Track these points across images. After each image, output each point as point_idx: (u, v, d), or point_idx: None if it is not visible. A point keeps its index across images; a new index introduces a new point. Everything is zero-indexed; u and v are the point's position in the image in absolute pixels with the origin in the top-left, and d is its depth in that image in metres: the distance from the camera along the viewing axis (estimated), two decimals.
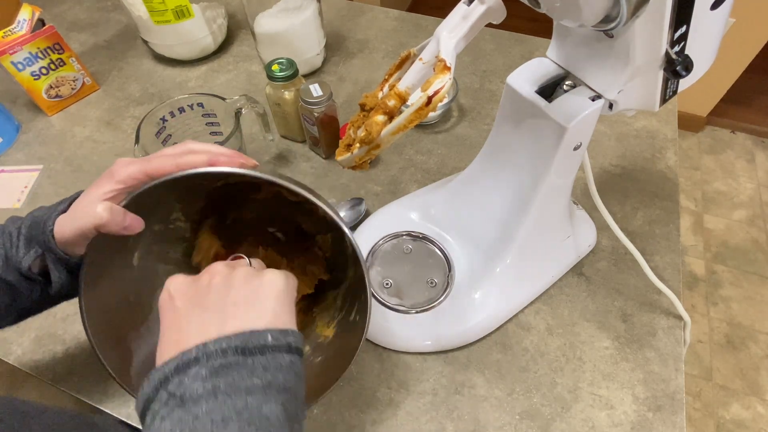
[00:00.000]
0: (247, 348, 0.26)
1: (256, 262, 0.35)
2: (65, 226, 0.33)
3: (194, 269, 0.48)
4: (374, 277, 0.54)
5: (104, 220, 0.31)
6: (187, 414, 0.24)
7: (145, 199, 0.34)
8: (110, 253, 0.37)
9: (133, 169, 0.33)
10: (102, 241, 0.34)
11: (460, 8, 0.35)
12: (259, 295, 0.29)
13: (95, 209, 0.31)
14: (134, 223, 0.33)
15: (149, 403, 0.26)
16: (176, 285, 0.30)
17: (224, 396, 0.25)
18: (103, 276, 0.37)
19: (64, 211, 0.34)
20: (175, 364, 0.26)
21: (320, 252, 0.49)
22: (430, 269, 0.54)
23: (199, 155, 0.33)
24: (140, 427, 0.26)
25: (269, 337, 0.27)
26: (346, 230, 0.36)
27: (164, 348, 0.28)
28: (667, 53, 0.33)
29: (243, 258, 0.35)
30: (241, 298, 0.29)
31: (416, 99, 0.33)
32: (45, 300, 0.37)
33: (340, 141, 0.40)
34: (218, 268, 0.31)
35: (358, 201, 0.63)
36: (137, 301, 0.42)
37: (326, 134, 0.65)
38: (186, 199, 0.43)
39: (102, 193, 0.32)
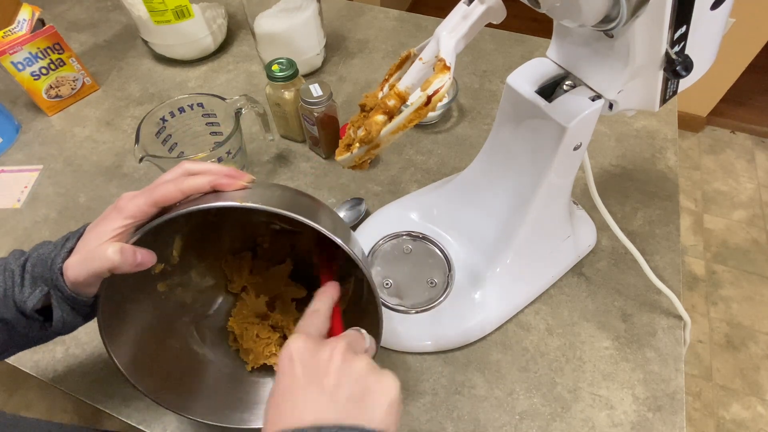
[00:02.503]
0: None
1: (369, 339, 0.35)
2: (76, 269, 0.32)
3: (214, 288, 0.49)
4: (374, 277, 0.54)
5: (117, 263, 0.31)
6: None
7: (156, 232, 0.33)
8: (126, 286, 0.37)
9: (139, 202, 0.32)
10: (116, 276, 0.34)
11: (460, 8, 0.35)
12: (376, 397, 0.30)
13: (106, 253, 0.31)
14: (146, 259, 0.33)
15: None
16: (298, 349, 0.31)
17: None
18: (122, 308, 0.37)
19: (72, 248, 0.33)
20: None
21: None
22: (430, 269, 0.54)
23: (200, 177, 0.33)
24: (137, 426, 0.27)
25: None
26: (364, 269, 0.35)
27: (276, 412, 0.29)
28: (667, 53, 0.33)
29: (360, 333, 0.35)
30: (359, 392, 0.30)
31: (416, 99, 0.33)
32: (41, 337, 0.36)
33: (340, 141, 0.40)
34: (341, 345, 0.31)
35: (358, 201, 0.63)
36: (159, 325, 0.42)
37: (326, 134, 0.65)
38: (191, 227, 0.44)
39: (110, 231, 0.32)
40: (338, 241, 0.33)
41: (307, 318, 0.35)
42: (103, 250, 0.31)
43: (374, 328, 0.38)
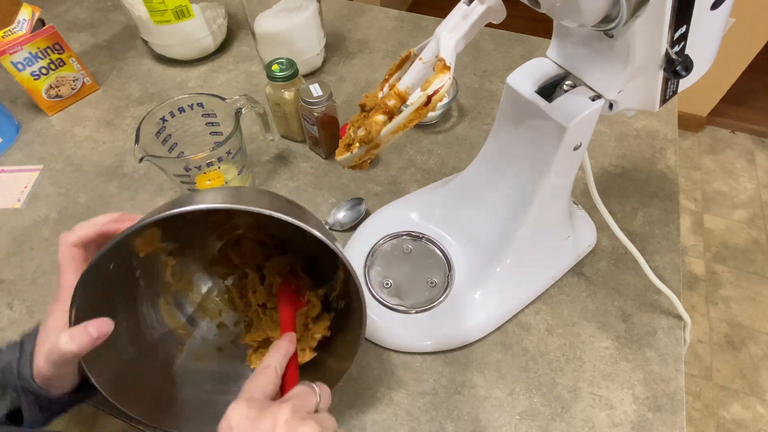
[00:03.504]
0: None
1: (321, 391, 0.34)
2: (43, 370, 0.32)
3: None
4: (374, 277, 0.54)
5: (75, 350, 0.31)
6: None
7: (104, 262, 0.33)
8: (107, 288, 0.37)
9: (67, 279, 0.33)
10: (98, 278, 0.34)
11: (460, 8, 0.35)
12: None
13: (59, 347, 0.31)
14: (102, 329, 0.32)
15: None
16: (238, 419, 0.30)
17: None
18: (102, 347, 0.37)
19: (32, 351, 0.34)
20: None
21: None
22: (430, 269, 0.54)
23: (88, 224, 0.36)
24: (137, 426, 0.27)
25: None
26: (335, 246, 0.35)
27: None
28: (667, 53, 0.33)
29: (310, 387, 0.34)
30: None
31: (416, 99, 0.33)
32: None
33: (340, 141, 0.40)
34: (284, 412, 0.30)
35: (358, 201, 0.63)
36: (139, 331, 0.42)
37: (326, 134, 0.65)
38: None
39: (60, 322, 0.33)
40: (317, 234, 0.33)
41: (255, 378, 0.33)
42: (55, 345, 0.31)
43: (358, 326, 0.39)
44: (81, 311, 0.33)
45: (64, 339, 0.31)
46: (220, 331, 0.49)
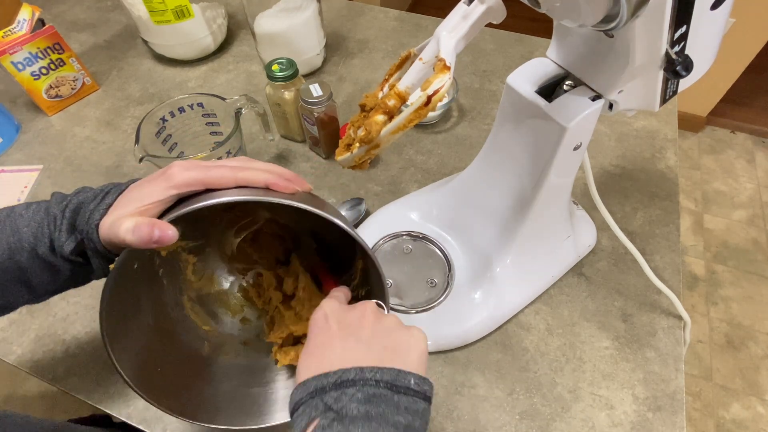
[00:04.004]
0: (395, 385, 0.29)
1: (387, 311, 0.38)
2: (106, 231, 0.31)
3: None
4: None
5: (128, 240, 0.30)
6: (345, 430, 0.27)
7: (188, 217, 0.32)
8: (132, 288, 0.37)
9: (191, 175, 0.31)
10: (123, 278, 0.33)
11: (460, 8, 0.35)
12: (409, 346, 0.32)
13: (121, 228, 0.30)
14: (165, 236, 0.30)
15: (299, 405, 0.29)
16: (332, 308, 0.34)
17: (377, 424, 0.27)
18: (126, 318, 0.36)
19: (110, 205, 0.33)
20: (335, 379, 0.29)
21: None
22: (430, 269, 0.54)
23: (258, 172, 0.33)
24: (137, 426, 0.27)
25: (412, 381, 0.30)
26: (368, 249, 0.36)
27: (315, 361, 0.31)
28: (667, 53, 0.33)
29: (380, 304, 0.37)
30: (392, 344, 0.32)
31: (416, 99, 0.33)
32: (85, 280, 0.37)
33: (340, 141, 0.40)
34: (370, 306, 0.35)
35: (358, 201, 0.63)
36: (165, 328, 0.42)
37: (326, 134, 0.65)
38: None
39: (148, 197, 0.31)
40: (348, 229, 0.34)
41: (332, 294, 0.38)
42: (120, 223, 0.30)
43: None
44: (106, 312, 0.33)
45: (125, 226, 0.30)
46: (243, 326, 0.49)
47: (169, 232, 0.30)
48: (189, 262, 0.45)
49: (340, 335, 0.32)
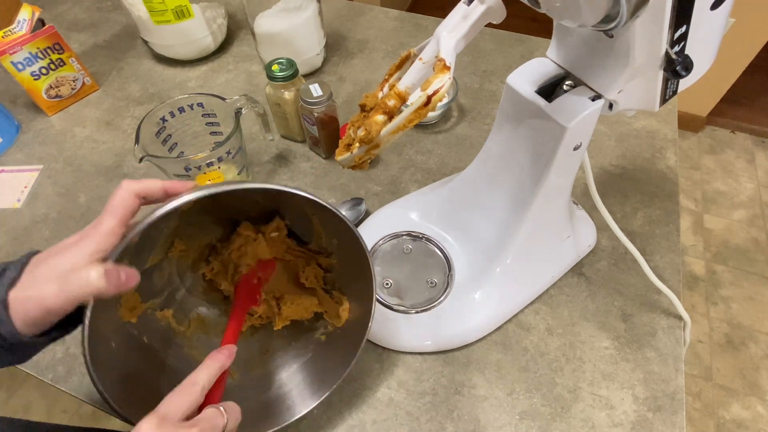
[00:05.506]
0: None
1: (228, 413, 0.33)
2: (47, 299, 0.28)
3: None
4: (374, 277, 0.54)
5: (102, 288, 0.28)
6: None
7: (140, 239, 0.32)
8: (108, 311, 0.36)
9: (109, 224, 0.30)
10: (107, 363, 0.32)
11: (460, 8, 0.35)
12: None
13: (89, 277, 0.28)
14: (131, 278, 0.30)
15: None
16: None
17: None
18: (106, 337, 0.35)
19: (14, 280, 0.29)
20: None
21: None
22: (430, 269, 0.54)
23: (152, 181, 0.32)
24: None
25: None
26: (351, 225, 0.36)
27: None
28: (667, 53, 0.33)
29: (219, 411, 0.33)
30: None
31: (416, 99, 0.33)
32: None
33: (340, 141, 0.40)
34: None
35: (358, 201, 0.63)
36: (148, 343, 0.41)
37: (326, 134, 0.65)
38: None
39: (84, 255, 0.29)
40: (322, 202, 0.34)
41: (178, 394, 0.32)
42: (83, 275, 0.28)
43: (367, 292, 0.41)
44: (108, 394, 0.33)
45: (96, 272, 0.28)
46: (244, 340, 0.48)
47: (133, 277, 0.30)
48: (166, 316, 0.44)
49: None
